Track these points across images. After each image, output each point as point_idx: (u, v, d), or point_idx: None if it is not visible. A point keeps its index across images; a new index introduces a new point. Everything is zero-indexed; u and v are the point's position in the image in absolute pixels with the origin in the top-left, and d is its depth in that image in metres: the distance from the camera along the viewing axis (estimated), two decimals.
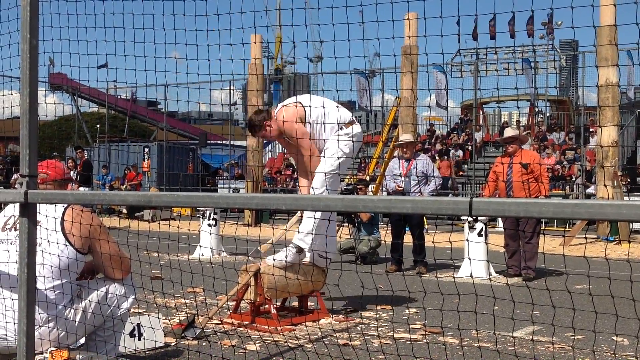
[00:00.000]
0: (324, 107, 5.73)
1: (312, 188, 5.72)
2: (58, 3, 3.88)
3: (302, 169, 6.12)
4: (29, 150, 3.30)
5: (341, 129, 5.86)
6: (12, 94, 5.06)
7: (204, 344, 4.85)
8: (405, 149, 9.48)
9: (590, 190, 19.35)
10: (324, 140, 5.80)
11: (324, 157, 5.74)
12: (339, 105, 5.98)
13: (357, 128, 5.99)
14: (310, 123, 5.79)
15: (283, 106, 6.01)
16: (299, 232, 5.72)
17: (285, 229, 5.97)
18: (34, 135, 3.31)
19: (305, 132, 5.77)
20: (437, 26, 3.00)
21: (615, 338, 4.99)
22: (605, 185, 13.38)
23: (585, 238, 13.03)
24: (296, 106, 5.86)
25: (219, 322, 5.62)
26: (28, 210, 3.29)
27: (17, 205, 3.42)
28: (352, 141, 5.87)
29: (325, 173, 5.57)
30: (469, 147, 25.79)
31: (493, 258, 9.02)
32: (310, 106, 5.80)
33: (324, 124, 5.71)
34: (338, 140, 5.70)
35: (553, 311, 3.49)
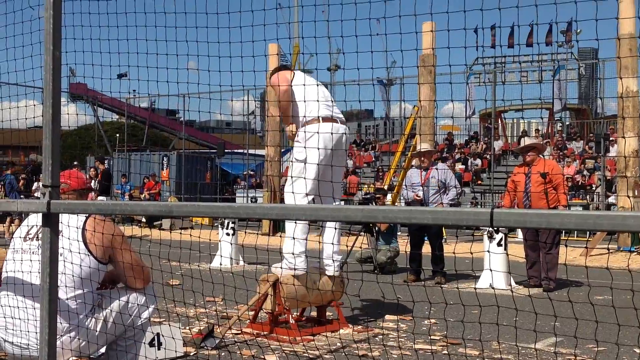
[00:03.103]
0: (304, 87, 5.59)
1: (293, 193, 5.48)
2: (80, 15, 3.91)
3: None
4: (52, 161, 3.32)
5: (304, 125, 5.58)
6: (34, 105, 5.12)
7: (223, 353, 4.86)
8: (422, 158, 9.45)
9: (611, 199, 19.19)
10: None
11: (293, 161, 5.64)
12: (319, 99, 5.52)
13: (324, 127, 5.53)
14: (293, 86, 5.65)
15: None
16: (283, 253, 5.68)
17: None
18: (56, 146, 3.34)
19: (285, 91, 5.64)
20: (455, 35, 3.00)
21: (637, 350, 4.93)
22: (628, 197, 13.25)
23: (608, 249, 12.90)
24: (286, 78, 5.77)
25: (238, 331, 5.62)
26: (50, 220, 3.31)
27: (39, 214, 3.46)
28: (318, 136, 5.46)
29: (292, 177, 5.53)
30: (488, 156, 25.69)
31: (513, 268, 8.96)
32: (303, 85, 5.63)
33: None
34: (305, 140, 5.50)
35: (574, 322, 3.46)
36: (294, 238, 5.59)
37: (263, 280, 5.66)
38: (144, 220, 20.56)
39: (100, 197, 17.91)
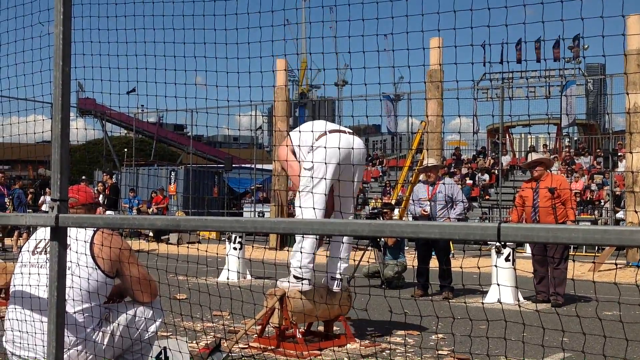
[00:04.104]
0: (305, 132, 5.71)
1: (298, 207, 5.60)
2: (90, 31, 3.95)
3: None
4: (61, 175, 3.34)
5: (312, 145, 5.66)
6: (43, 120, 5.15)
7: None
8: (429, 173, 9.44)
9: (620, 215, 19.12)
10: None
11: (301, 176, 5.69)
12: (316, 123, 5.79)
13: (331, 139, 5.57)
14: (299, 146, 5.71)
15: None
16: (291, 265, 5.70)
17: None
18: (65, 160, 3.35)
19: (292, 166, 5.78)
20: (462, 51, 3.01)
21: None
22: (636, 212, 13.20)
23: (616, 264, 12.83)
24: (285, 142, 5.91)
25: (245, 346, 5.61)
26: (59, 234, 3.33)
27: (48, 228, 3.47)
28: (324, 148, 5.50)
29: (299, 192, 5.59)
30: (495, 171, 25.65)
31: (521, 283, 8.93)
32: (298, 131, 5.78)
33: (311, 147, 5.61)
34: (312, 153, 5.57)
35: (583, 338, 3.44)
36: (301, 252, 5.60)
37: (270, 294, 5.65)
38: (151, 234, 20.59)
39: (108, 212, 17.96)
